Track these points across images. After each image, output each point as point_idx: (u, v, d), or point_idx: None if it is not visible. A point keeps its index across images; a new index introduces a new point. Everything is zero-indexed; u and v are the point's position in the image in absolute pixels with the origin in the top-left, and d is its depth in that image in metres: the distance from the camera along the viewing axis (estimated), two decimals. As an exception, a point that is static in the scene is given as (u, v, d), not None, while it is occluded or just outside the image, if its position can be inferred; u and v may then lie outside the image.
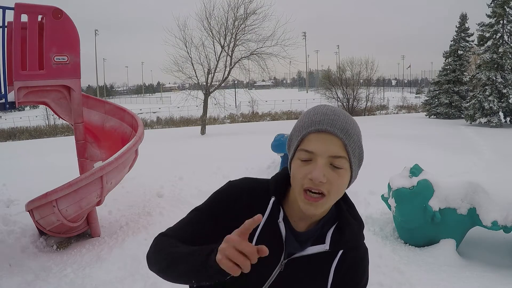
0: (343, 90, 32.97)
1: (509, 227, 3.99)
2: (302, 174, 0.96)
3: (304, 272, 1.06)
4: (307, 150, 0.96)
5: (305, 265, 1.06)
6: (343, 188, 1.01)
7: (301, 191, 0.97)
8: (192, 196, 6.62)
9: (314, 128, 0.96)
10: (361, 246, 1.12)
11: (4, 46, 4.39)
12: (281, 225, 1.05)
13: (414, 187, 4.37)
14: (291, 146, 1.03)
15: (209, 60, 20.30)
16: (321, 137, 0.95)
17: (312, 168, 0.95)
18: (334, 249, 1.06)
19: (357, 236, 1.10)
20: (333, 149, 0.95)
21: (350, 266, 1.09)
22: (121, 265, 4.14)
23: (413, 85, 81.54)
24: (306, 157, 0.96)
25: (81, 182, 4.16)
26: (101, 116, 5.80)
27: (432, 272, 3.95)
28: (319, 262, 1.06)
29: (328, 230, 1.07)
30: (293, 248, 1.05)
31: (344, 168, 0.97)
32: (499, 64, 21.77)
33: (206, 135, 19.41)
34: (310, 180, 0.95)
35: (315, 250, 1.05)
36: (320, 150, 0.95)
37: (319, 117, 0.97)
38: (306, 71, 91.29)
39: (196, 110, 29.32)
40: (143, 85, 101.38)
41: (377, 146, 11.79)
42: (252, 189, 1.11)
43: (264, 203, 1.07)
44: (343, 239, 1.06)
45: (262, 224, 1.05)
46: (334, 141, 0.95)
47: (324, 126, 0.95)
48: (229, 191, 1.11)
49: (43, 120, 32.52)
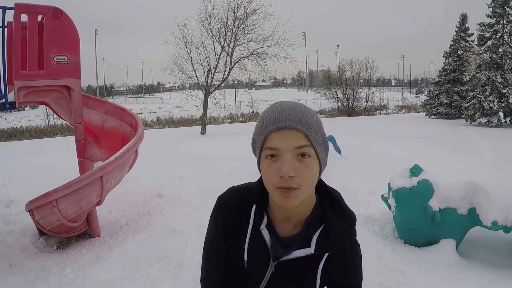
0: (343, 90, 32.98)
1: (509, 227, 3.99)
2: (272, 173, 0.98)
3: (293, 274, 1.11)
4: (271, 147, 0.98)
5: (293, 267, 1.10)
6: (314, 178, 1.03)
7: (275, 189, 0.99)
8: (192, 196, 6.62)
9: (273, 127, 0.98)
10: (349, 247, 1.13)
11: (4, 46, 4.39)
12: (264, 232, 1.10)
13: (414, 187, 4.37)
14: (256, 149, 1.05)
15: (209, 60, 20.33)
16: (282, 134, 0.97)
17: (280, 164, 0.97)
18: (319, 252, 1.09)
19: (344, 238, 1.11)
20: (295, 141, 0.97)
21: (339, 266, 1.11)
22: (121, 265, 4.13)
23: (413, 85, 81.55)
24: (271, 153, 0.98)
25: (81, 182, 4.16)
26: (101, 116, 5.80)
27: (432, 272, 3.95)
28: (306, 264, 1.10)
29: (314, 233, 1.09)
30: (278, 253, 1.09)
31: (311, 156, 0.99)
32: (499, 64, 21.76)
33: (206, 135, 19.42)
34: (280, 178, 0.96)
35: (301, 254, 1.08)
36: (283, 146, 0.97)
37: (276, 115, 0.99)
38: (306, 71, 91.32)
39: (196, 110, 29.31)
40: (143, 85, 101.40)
41: (377, 146, 11.80)
42: (240, 201, 1.15)
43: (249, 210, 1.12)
44: (328, 243, 1.08)
45: (249, 233, 1.11)
46: (296, 135, 0.97)
47: (283, 123, 0.97)
48: (219, 212, 1.17)
49: (43, 120, 32.50)
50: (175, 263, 4.09)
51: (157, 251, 4.42)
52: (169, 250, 4.43)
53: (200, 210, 5.82)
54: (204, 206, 5.96)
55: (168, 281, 3.73)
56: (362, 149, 10.90)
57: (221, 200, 1.18)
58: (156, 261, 4.19)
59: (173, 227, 5.14)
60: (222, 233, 1.16)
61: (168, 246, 4.57)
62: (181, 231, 4.95)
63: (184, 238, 4.71)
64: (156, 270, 3.99)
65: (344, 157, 9.45)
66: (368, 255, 4.17)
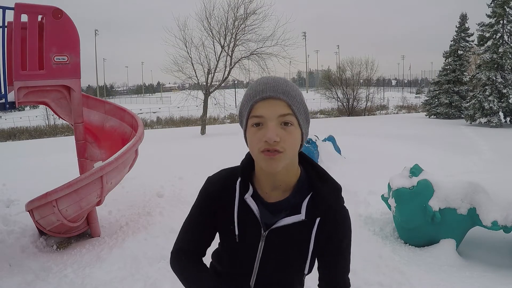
0: (343, 90, 32.98)
1: (509, 227, 3.99)
2: (257, 139, 1.06)
3: (286, 241, 1.15)
4: (257, 115, 1.06)
5: (286, 235, 1.14)
6: (296, 144, 1.09)
7: (259, 153, 1.06)
8: (192, 196, 6.54)
9: (259, 97, 1.06)
10: (338, 211, 1.18)
11: (4, 46, 4.39)
12: (249, 200, 1.15)
13: (414, 187, 4.37)
14: (242, 119, 1.12)
15: (209, 60, 20.33)
16: (267, 103, 1.05)
17: (265, 131, 1.04)
18: (310, 218, 1.13)
19: (333, 203, 1.17)
20: (279, 109, 1.05)
21: (331, 230, 1.16)
22: (121, 265, 4.13)
23: (413, 85, 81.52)
24: (257, 121, 1.06)
25: (81, 182, 4.16)
26: (101, 116, 5.80)
27: (432, 272, 3.94)
28: (299, 230, 1.14)
29: (303, 201, 1.15)
30: (267, 219, 1.15)
31: (293, 124, 1.07)
32: (499, 64, 21.77)
33: (206, 135, 19.42)
34: (265, 142, 1.04)
35: (292, 220, 1.13)
36: (268, 113, 1.05)
37: (262, 87, 1.07)
38: (306, 71, 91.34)
39: (196, 110, 29.31)
40: (143, 85, 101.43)
41: (377, 146, 11.80)
42: (226, 178, 1.22)
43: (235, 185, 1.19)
44: (318, 208, 1.14)
45: (236, 205, 1.17)
46: (279, 103, 1.05)
47: (268, 93, 1.05)
48: (207, 189, 1.24)
49: (43, 120, 32.49)
50: (175, 263, 4.09)
51: (157, 251, 4.42)
52: (169, 250, 4.37)
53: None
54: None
55: (168, 281, 3.72)
56: (362, 149, 10.90)
57: (209, 178, 1.26)
58: (156, 261, 4.19)
59: (173, 227, 5.14)
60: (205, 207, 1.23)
61: (168, 246, 4.53)
62: (181, 231, 4.95)
63: (184, 238, 4.71)
64: (156, 270, 3.99)
65: (344, 157, 9.45)
66: (368, 255, 4.18)
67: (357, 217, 5.41)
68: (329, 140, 9.69)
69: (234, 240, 1.19)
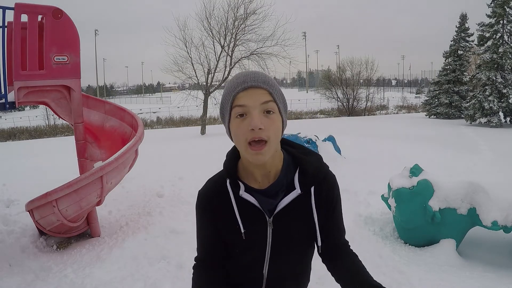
0: (343, 90, 32.97)
1: (509, 227, 3.99)
2: (243, 129, 1.10)
3: (292, 220, 1.21)
4: (240, 104, 1.10)
5: (290, 214, 1.20)
6: (279, 132, 1.15)
7: (246, 145, 1.10)
8: (192, 196, 6.57)
9: (241, 88, 1.10)
10: (328, 175, 1.26)
11: (4, 46, 4.39)
12: (245, 195, 1.19)
13: (414, 187, 4.37)
14: (225, 113, 1.16)
15: (209, 60, 20.33)
16: (249, 92, 1.10)
17: (249, 120, 1.09)
18: (305, 190, 1.20)
19: (320, 169, 1.24)
20: (261, 97, 1.10)
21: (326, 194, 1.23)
22: (121, 265, 4.13)
23: (413, 85, 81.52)
24: (241, 111, 1.10)
25: (81, 182, 4.16)
26: (101, 116, 5.80)
27: (432, 272, 3.94)
28: (300, 205, 1.20)
29: (294, 177, 1.21)
30: (268, 205, 1.20)
31: (275, 112, 1.12)
32: (499, 64, 21.76)
33: (206, 135, 19.41)
34: (251, 131, 1.08)
35: (291, 198, 1.19)
36: (251, 102, 1.09)
37: (242, 78, 1.12)
38: (306, 71, 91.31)
39: (196, 110, 29.30)
40: (143, 85, 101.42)
41: (377, 146, 11.80)
42: (214, 185, 1.26)
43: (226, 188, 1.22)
44: (309, 177, 1.20)
45: (234, 205, 1.20)
46: (260, 92, 1.11)
47: (249, 83, 1.10)
48: (200, 204, 1.28)
49: (43, 120, 32.50)
50: (175, 263, 4.09)
51: (157, 251, 4.42)
52: (169, 250, 4.42)
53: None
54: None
55: (168, 281, 3.73)
56: (362, 149, 10.90)
57: (200, 193, 1.29)
58: (156, 261, 4.19)
59: (173, 227, 5.14)
60: (206, 221, 1.26)
61: (168, 246, 4.57)
62: (181, 231, 4.95)
63: (184, 238, 4.71)
64: (156, 270, 3.99)
65: (344, 157, 9.45)
66: (368, 255, 4.17)
67: (357, 217, 5.40)
68: (329, 140, 9.69)
69: (241, 239, 1.21)
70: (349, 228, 5.48)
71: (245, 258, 1.26)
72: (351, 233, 4.93)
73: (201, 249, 1.31)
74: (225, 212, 1.22)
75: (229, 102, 1.12)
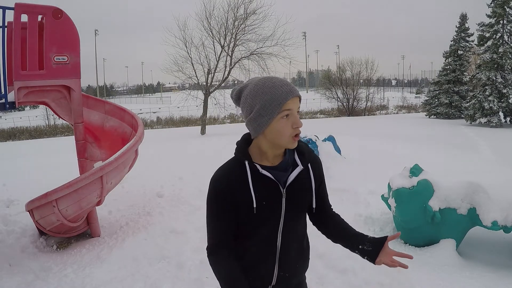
0: (343, 90, 32.98)
1: (509, 227, 3.99)
2: (289, 127, 1.40)
3: (299, 190, 1.51)
4: (288, 109, 1.39)
5: (297, 185, 1.50)
6: None
7: (291, 137, 1.41)
8: (192, 196, 6.62)
9: (291, 95, 1.39)
10: (316, 156, 1.62)
11: (4, 46, 4.39)
12: (264, 171, 1.45)
13: (414, 187, 4.37)
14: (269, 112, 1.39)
15: (209, 60, 20.33)
16: (294, 100, 1.41)
17: (293, 119, 1.41)
18: (305, 166, 1.52)
19: (311, 151, 1.59)
20: (298, 103, 1.44)
21: (318, 170, 1.59)
22: (121, 265, 4.13)
23: (413, 85, 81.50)
24: (287, 113, 1.39)
25: (81, 182, 4.16)
26: (101, 116, 5.79)
27: (432, 272, 3.94)
28: (304, 178, 1.52)
29: (294, 157, 1.52)
30: (281, 178, 1.47)
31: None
32: (499, 64, 21.77)
33: (206, 135, 19.41)
34: (296, 129, 1.41)
35: (297, 172, 1.50)
36: (295, 107, 1.41)
37: (288, 87, 1.40)
38: (306, 71, 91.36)
39: (196, 110, 29.32)
40: (143, 85, 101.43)
41: (377, 146, 11.80)
42: (228, 167, 1.49)
43: (241, 170, 1.45)
44: (306, 157, 1.54)
45: (251, 181, 1.43)
46: (298, 99, 1.43)
47: (296, 93, 1.40)
48: (216, 185, 1.47)
49: (43, 120, 32.51)
50: (175, 263, 4.09)
51: (157, 251, 4.42)
52: (169, 250, 4.42)
53: (200, 210, 5.81)
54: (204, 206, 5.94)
55: (168, 281, 3.73)
56: (362, 149, 10.89)
57: (213, 179, 1.49)
58: (156, 261, 4.19)
59: (173, 227, 5.14)
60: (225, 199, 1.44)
61: (168, 246, 4.57)
62: (181, 231, 4.95)
63: (184, 238, 4.71)
64: (156, 270, 3.99)
65: (344, 157, 9.44)
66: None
67: (357, 217, 5.40)
68: (329, 140, 9.68)
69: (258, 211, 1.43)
70: (349, 228, 5.33)
71: (262, 232, 1.48)
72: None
73: (215, 234, 1.49)
74: (243, 188, 1.43)
75: (279, 105, 1.37)
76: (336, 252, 4.00)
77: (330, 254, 3.89)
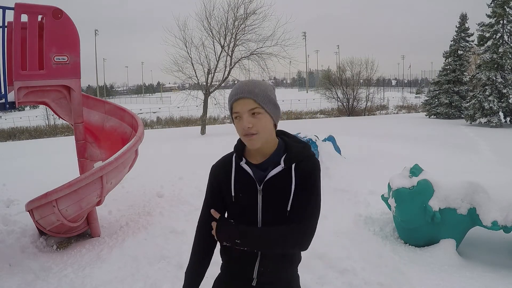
0: (343, 90, 32.97)
1: (509, 227, 3.99)
2: (239, 128, 1.49)
3: (277, 188, 1.53)
4: (235, 111, 1.48)
5: (276, 183, 1.53)
6: (268, 126, 1.50)
7: (243, 136, 1.49)
8: (192, 196, 6.62)
9: (233, 99, 1.48)
10: (309, 157, 1.57)
11: (4, 46, 4.39)
12: (244, 165, 1.57)
13: (414, 187, 4.37)
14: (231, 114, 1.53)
15: (209, 60, 20.31)
16: (239, 102, 1.47)
17: (242, 122, 1.47)
18: (288, 165, 1.53)
19: (302, 152, 1.56)
20: (247, 105, 1.46)
21: (304, 173, 1.53)
22: (121, 265, 4.13)
23: (413, 85, 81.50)
24: (236, 115, 1.49)
25: (81, 182, 4.16)
26: (101, 116, 5.79)
27: (432, 272, 3.94)
28: (283, 177, 1.53)
29: (281, 157, 1.54)
30: (259, 176, 1.54)
31: (262, 113, 1.47)
32: (499, 64, 21.76)
33: (206, 135, 19.41)
34: (244, 129, 1.47)
35: (276, 171, 1.53)
36: (241, 109, 1.46)
37: (235, 91, 1.49)
38: (306, 71, 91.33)
39: (196, 110, 29.31)
40: (143, 85, 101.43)
41: (377, 146, 11.79)
42: (224, 159, 1.66)
43: (230, 163, 1.61)
44: (291, 157, 1.53)
45: (233, 172, 1.58)
46: (246, 101, 1.46)
47: (238, 95, 1.46)
48: (211, 171, 1.68)
49: (43, 120, 32.50)
50: (175, 263, 4.09)
51: (157, 251, 4.42)
52: (169, 250, 4.42)
53: (200, 210, 5.81)
54: (204, 206, 5.95)
55: (168, 281, 3.73)
56: (362, 149, 10.89)
57: (212, 166, 1.69)
58: (156, 261, 4.19)
59: (173, 227, 5.14)
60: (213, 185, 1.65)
61: (168, 246, 4.57)
62: (181, 231, 4.95)
63: (184, 238, 4.71)
64: (156, 270, 3.99)
65: (344, 157, 9.44)
66: (368, 255, 4.17)
67: (357, 217, 5.40)
68: (329, 140, 9.68)
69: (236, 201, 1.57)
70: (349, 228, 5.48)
71: (243, 223, 1.56)
72: (351, 233, 4.94)
73: (203, 213, 1.68)
74: (227, 178, 1.59)
75: (230, 109, 1.50)
76: (336, 252, 4.01)
77: (330, 254, 3.89)
